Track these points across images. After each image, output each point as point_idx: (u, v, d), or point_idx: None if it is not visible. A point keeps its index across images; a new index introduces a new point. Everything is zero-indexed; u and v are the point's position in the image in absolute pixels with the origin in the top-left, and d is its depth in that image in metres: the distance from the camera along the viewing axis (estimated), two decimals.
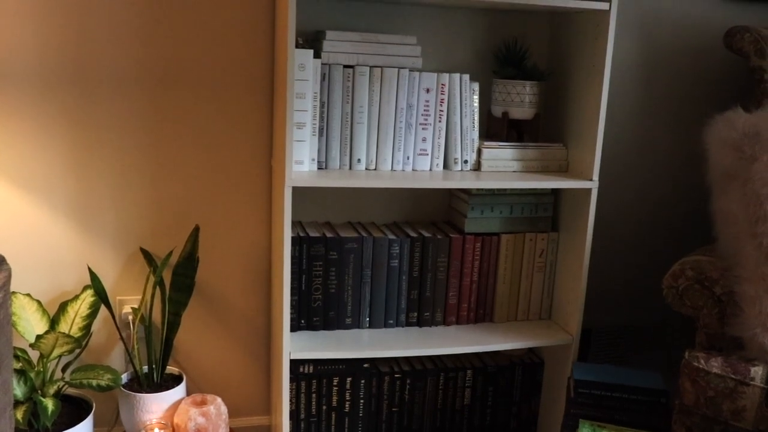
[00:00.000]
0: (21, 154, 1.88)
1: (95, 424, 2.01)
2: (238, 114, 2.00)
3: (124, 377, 1.98)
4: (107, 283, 2.00)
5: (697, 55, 2.28)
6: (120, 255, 2.01)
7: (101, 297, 1.91)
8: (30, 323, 1.86)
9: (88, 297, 1.92)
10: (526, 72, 1.99)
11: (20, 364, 1.80)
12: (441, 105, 1.90)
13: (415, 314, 2.01)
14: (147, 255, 1.99)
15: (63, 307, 1.90)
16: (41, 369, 1.82)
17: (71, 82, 1.88)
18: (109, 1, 1.86)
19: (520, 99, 1.96)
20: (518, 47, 2.04)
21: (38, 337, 1.73)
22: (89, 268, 1.93)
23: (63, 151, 1.91)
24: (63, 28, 1.84)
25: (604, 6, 1.82)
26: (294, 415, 1.99)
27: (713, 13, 2.26)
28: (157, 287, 1.94)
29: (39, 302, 1.89)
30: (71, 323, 1.88)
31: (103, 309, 1.98)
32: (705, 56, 2.28)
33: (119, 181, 1.96)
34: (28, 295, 1.88)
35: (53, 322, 1.88)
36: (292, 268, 1.86)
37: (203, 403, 1.94)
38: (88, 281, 1.97)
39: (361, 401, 2.02)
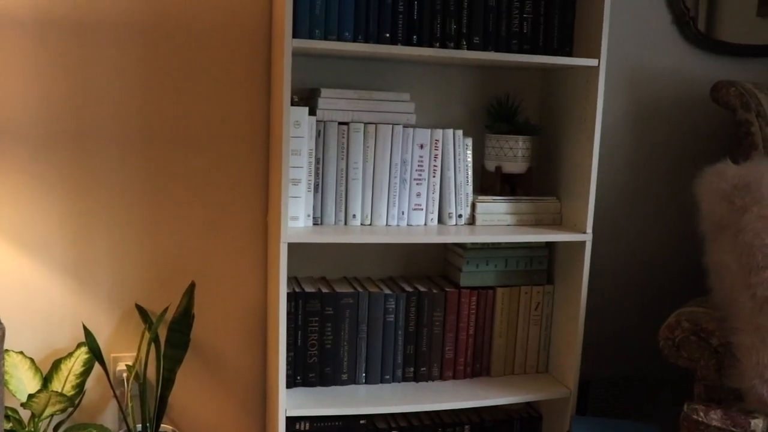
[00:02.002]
0: (17, 210, 1.89)
1: None
2: (234, 170, 2.02)
3: None
4: (102, 340, 1.99)
5: (685, 108, 2.32)
6: (115, 311, 2.00)
7: (95, 354, 1.89)
8: (22, 382, 1.84)
9: (82, 354, 1.91)
10: (518, 127, 2.02)
11: (11, 425, 1.78)
12: (435, 160, 1.92)
13: (412, 369, 2.00)
14: (142, 311, 1.99)
15: (56, 365, 1.88)
16: (32, 429, 1.79)
17: (68, 139, 1.89)
18: (107, 62, 1.89)
19: (513, 153, 1.99)
20: (510, 103, 2.07)
21: (30, 396, 1.71)
22: (84, 325, 1.91)
23: (59, 208, 1.92)
24: (62, 88, 1.87)
25: (593, 63, 1.86)
26: None
27: (699, 68, 2.31)
28: (152, 344, 1.93)
29: (32, 360, 1.87)
30: (64, 381, 1.87)
31: (97, 366, 1.96)
32: (693, 109, 2.32)
33: (115, 237, 1.96)
34: (21, 353, 1.87)
35: (46, 380, 1.86)
36: (287, 324, 1.85)
37: None
38: (83, 338, 1.96)
39: None
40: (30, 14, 1.83)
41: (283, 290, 1.76)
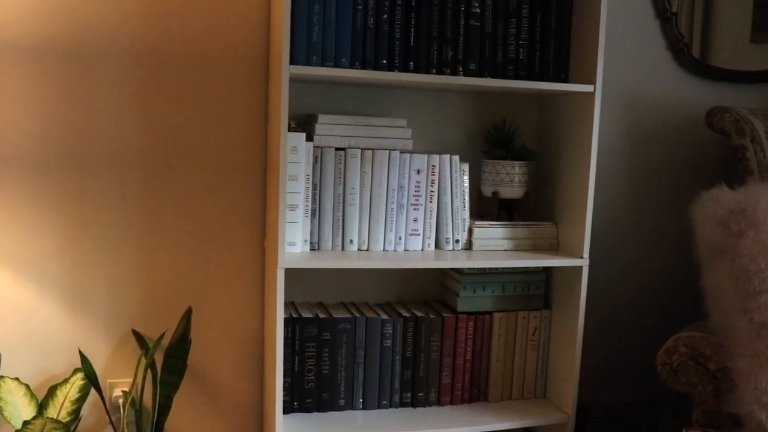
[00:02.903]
0: (14, 234, 1.89)
1: None
2: (232, 196, 2.02)
3: None
4: (98, 366, 1.98)
5: (680, 133, 2.33)
6: (111, 337, 1.99)
7: (91, 380, 1.89)
8: (17, 408, 1.83)
9: (77, 380, 1.90)
10: (514, 152, 2.03)
11: None
12: (432, 186, 1.92)
13: (409, 394, 1.99)
14: (139, 337, 1.98)
15: (52, 391, 1.87)
16: None
17: (66, 164, 1.90)
18: (106, 88, 1.90)
19: (510, 179, 2.00)
20: (507, 128, 2.08)
21: (25, 423, 1.70)
22: (80, 351, 1.91)
23: (56, 233, 1.92)
24: (61, 114, 1.88)
25: (589, 89, 1.87)
26: None
27: (694, 94, 2.33)
28: (149, 370, 1.92)
29: (27, 386, 1.86)
30: (60, 407, 1.85)
31: (93, 392, 1.95)
32: (688, 135, 2.34)
33: (112, 262, 1.96)
34: (17, 379, 1.86)
35: (41, 407, 1.85)
36: (284, 350, 1.85)
37: None
38: (79, 364, 1.95)
39: None
40: (30, 40, 1.84)
41: (280, 316, 1.75)
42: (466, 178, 1.96)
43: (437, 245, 1.97)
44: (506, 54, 1.90)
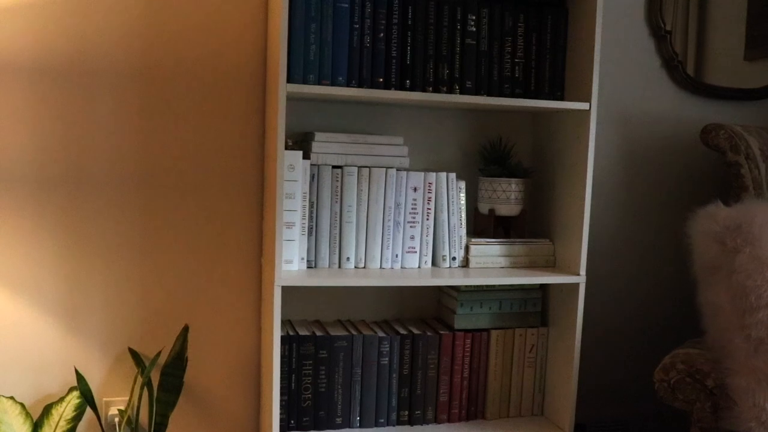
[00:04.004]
0: (9, 253, 1.89)
1: None
2: (228, 214, 2.02)
3: None
4: (94, 385, 1.97)
5: (675, 150, 2.35)
6: (108, 355, 1.99)
7: (87, 399, 1.88)
8: (12, 428, 1.82)
9: (73, 399, 1.89)
10: (511, 170, 2.04)
11: None
12: (428, 203, 1.93)
13: (406, 412, 1.98)
14: (135, 355, 1.97)
15: (47, 410, 1.86)
16: None
17: (63, 184, 1.90)
18: (103, 108, 1.91)
19: (506, 196, 2.00)
20: (503, 146, 2.09)
21: None
22: (76, 369, 1.90)
23: (52, 251, 1.91)
24: (58, 134, 1.89)
25: (584, 106, 1.88)
26: None
27: (689, 111, 2.34)
28: (145, 388, 1.92)
29: (22, 405, 1.85)
30: (55, 427, 1.84)
31: (88, 411, 1.94)
32: (683, 151, 2.35)
33: (108, 280, 1.96)
34: (12, 398, 1.85)
35: (36, 426, 1.84)
36: (281, 368, 1.84)
37: None
38: (74, 382, 1.94)
39: None
40: (29, 59, 1.85)
41: (277, 333, 1.75)
42: (462, 195, 1.96)
43: (434, 263, 1.97)
44: (502, 72, 1.91)
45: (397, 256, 1.92)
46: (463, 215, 1.97)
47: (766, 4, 2.34)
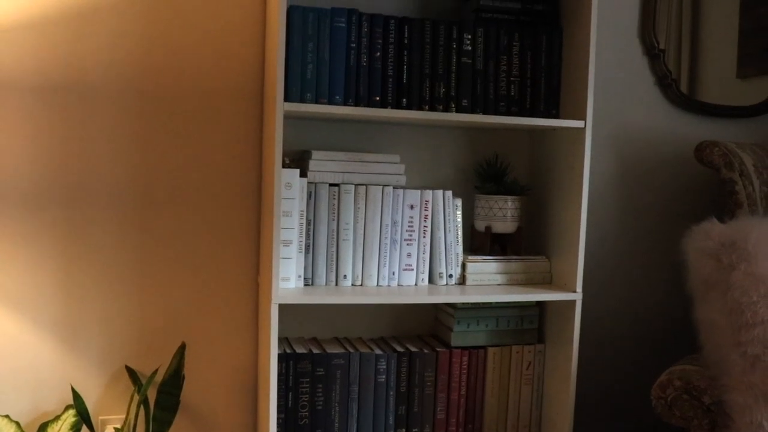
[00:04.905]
0: (6, 270, 1.89)
1: None
2: (225, 232, 2.03)
3: None
4: (90, 403, 1.96)
5: (670, 167, 2.36)
6: (104, 373, 1.98)
7: (83, 417, 1.87)
8: None
9: (69, 417, 1.88)
10: (507, 187, 2.05)
11: None
12: (425, 221, 1.94)
13: (404, 430, 1.98)
14: (132, 373, 1.97)
15: (43, 429, 1.85)
16: None
17: (61, 201, 1.91)
18: (101, 125, 1.92)
19: (503, 213, 2.01)
20: (499, 163, 2.10)
21: None
22: (72, 387, 1.90)
23: (49, 269, 1.91)
24: (56, 150, 1.89)
25: (580, 124, 1.90)
26: None
27: (683, 128, 2.35)
28: (142, 406, 1.91)
29: (18, 424, 1.84)
30: None
31: (84, 429, 1.93)
32: (678, 169, 2.36)
33: (105, 297, 1.96)
34: (7, 416, 1.84)
35: None
36: (278, 385, 1.84)
37: None
38: (71, 400, 1.93)
39: None
40: (28, 78, 1.86)
41: (273, 351, 1.75)
42: (459, 213, 1.97)
43: (431, 280, 1.97)
44: (497, 90, 1.93)
45: (393, 273, 1.92)
46: (460, 233, 1.97)
47: (758, 23, 2.36)
